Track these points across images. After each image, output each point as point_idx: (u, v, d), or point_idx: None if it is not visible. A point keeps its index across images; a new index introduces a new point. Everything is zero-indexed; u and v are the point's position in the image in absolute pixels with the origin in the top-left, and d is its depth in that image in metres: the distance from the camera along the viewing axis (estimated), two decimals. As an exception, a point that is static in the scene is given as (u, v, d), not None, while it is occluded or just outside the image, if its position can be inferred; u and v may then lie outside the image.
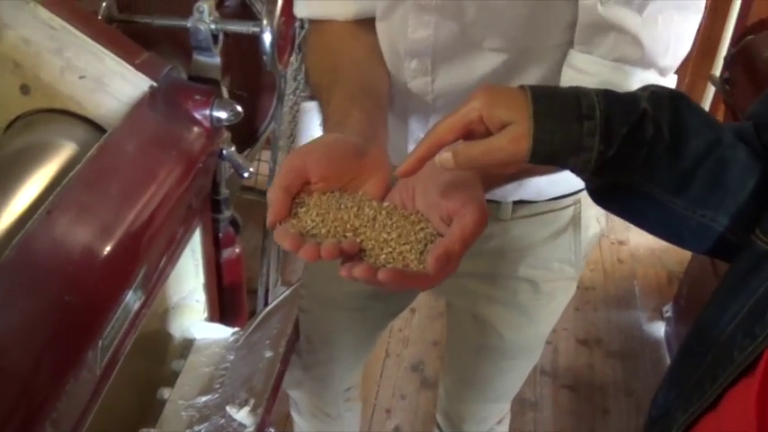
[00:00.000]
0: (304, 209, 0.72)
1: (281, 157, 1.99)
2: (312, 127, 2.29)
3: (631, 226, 0.76)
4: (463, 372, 1.47)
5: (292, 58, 1.80)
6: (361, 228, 0.71)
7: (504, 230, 1.21)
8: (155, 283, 1.12)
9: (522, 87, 0.67)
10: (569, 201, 1.22)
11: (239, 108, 1.27)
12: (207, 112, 1.23)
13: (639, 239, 3.05)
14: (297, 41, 1.68)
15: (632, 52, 0.88)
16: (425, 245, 0.70)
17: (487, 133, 0.67)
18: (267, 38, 1.34)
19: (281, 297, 1.45)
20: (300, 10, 1.11)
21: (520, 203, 1.19)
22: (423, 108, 1.09)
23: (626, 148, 0.66)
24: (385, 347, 2.51)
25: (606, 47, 0.90)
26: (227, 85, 1.56)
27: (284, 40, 1.40)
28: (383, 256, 0.69)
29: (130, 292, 1.01)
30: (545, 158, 0.66)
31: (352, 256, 0.70)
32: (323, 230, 0.70)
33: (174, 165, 1.15)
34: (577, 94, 0.66)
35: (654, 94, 0.69)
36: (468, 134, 0.68)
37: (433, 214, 0.73)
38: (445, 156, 0.67)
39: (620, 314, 2.72)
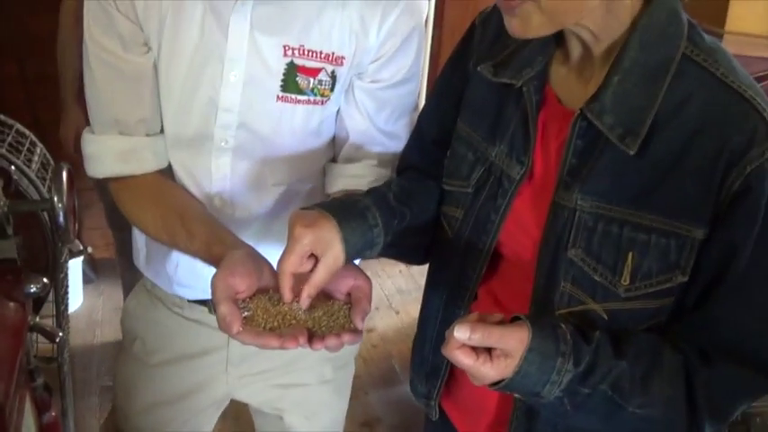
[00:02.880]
0: (250, 312, 0.95)
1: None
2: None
3: (376, 312, 1.08)
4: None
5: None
6: (299, 314, 0.95)
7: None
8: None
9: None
10: None
11: (45, 280, 1.40)
12: (20, 288, 1.35)
13: (385, 323, 3.36)
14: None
15: (395, 147, 1.27)
16: (345, 314, 0.98)
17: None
18: (59, 213, 1.47)
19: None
20: (101, 171, 1.29)
21: None
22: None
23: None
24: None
25: (375, 153, 1.27)
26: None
27: (72, 212, 1.55)
28: (323, 328, 0.95)
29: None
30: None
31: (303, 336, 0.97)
32: (274, 324, 0.93)
33: (5, 340, 1.25)
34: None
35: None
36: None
37: (333, 293, 1.04)
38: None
39: (389, 392, 3.01)
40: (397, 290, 3.52)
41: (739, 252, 0.92)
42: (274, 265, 1.05)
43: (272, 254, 1.10)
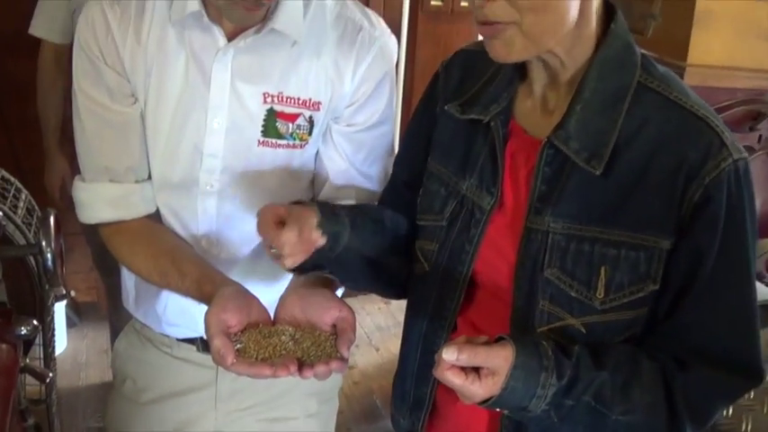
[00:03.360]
0: (242, 345, 1.02)
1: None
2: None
3: (356, 349, 1.14)
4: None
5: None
6: (288, 346, 1.01)
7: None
8: None
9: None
10: None
11: (35, 322, 1.44)
12: (11, 330, 1.39)
13: (366, 360, 3.39)
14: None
15: (374, 187, 1.35)
16: (332, 344, 1.05)
17: None
18: (48, 258, 1.52)
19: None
20: (93, 217, 1.35)
21: None
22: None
23: None
24: None
25: (354, 193, 1.34)
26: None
27: (60, 256, 1.59)
28: (312, 357, 1.01)
29: None
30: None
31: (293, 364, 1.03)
32: (265, 355, 0.99)
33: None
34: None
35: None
36: None
37: (320, 324, 1.10)
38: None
39: (371, 428, 3.04)
40: (377, 327, 3.55)
41: (704, 258, 1.00)
42: (262, 302, 1.13)
43: (258, 292, 1.18)
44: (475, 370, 0.96)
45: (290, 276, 1.26)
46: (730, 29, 2.52)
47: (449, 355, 0.94)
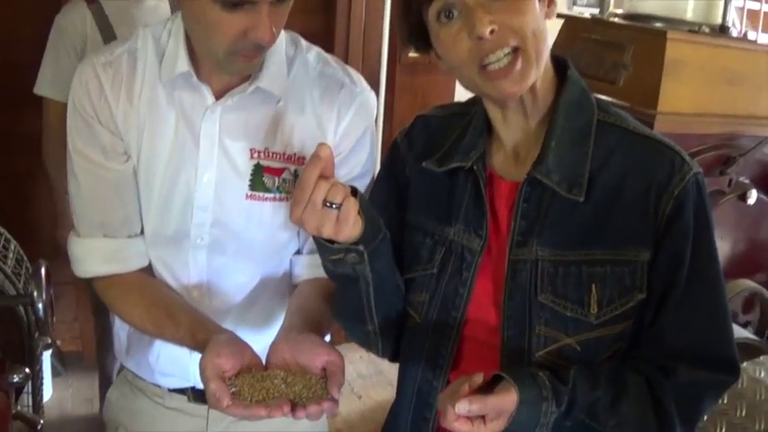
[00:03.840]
0: (237, 388, 1.08)
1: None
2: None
3: (339, 397, 1.16)
4: None
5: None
6: (281, 388, 1.07)
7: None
8: None
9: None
10: None
11: (27, 369, 1.48)
12: (4, 378, 1.43)
13: (349, 407, 3.39)
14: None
15: None
16: (322, 386, 1.10)
17: None
18: (39, 308, 1.56)
19: None
20: (88, 271, 1.38)
21: None
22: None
23: None
24: None
25: None
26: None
27: (50, 306, 1.63)
28: (303, 399, 1.07)
29: None
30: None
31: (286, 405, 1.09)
32: (259, 397, 1.05)
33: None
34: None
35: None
36: None
37: (310, 367, 1.14)
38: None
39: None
40: (359, 374, 3.59)
41: (681, 263, 1.10)
42: (254, 348, 1.18)
43: (249, 339, 1.22)
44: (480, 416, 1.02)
45: (279, 324, 1.32)
46: (699, 76, 2.59)
47: (462, 407, 1.00)
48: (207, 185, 1.33)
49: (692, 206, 1.10)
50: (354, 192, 1.09)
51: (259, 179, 1.33)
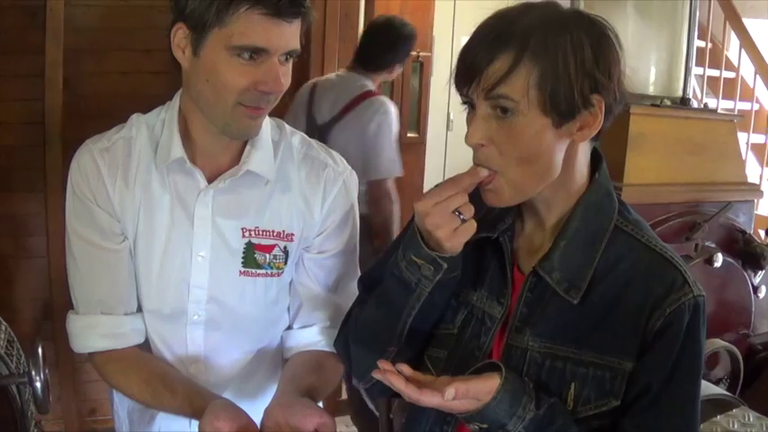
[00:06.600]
0: None
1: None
2: None
3: None
4: None
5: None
6: None
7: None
8: None
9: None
10: None
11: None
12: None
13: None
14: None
15: (346, 307, 1.41)
16: None
17: None
18: (37, 387, 1.59)
19: None
20: (86, 347, 1.43)
21: None
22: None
23: None
24: None
25: (328, 315, 1.46)
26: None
27: (47, 385, 1.67)
28: None
29: None
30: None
31: None
32: None
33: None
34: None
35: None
36: None
37: (302, 430, 1.19)
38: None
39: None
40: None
41: (656, 377, 1.12)
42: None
43: (245, 409, 1.27)
44: None
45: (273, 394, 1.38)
46: (663, 148, 2.69)
47: (449, 393, 1.06)
48: (202, 263, 1.40)
49: (683, 327, 1.12)
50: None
51: (251, 256, 1.41)
